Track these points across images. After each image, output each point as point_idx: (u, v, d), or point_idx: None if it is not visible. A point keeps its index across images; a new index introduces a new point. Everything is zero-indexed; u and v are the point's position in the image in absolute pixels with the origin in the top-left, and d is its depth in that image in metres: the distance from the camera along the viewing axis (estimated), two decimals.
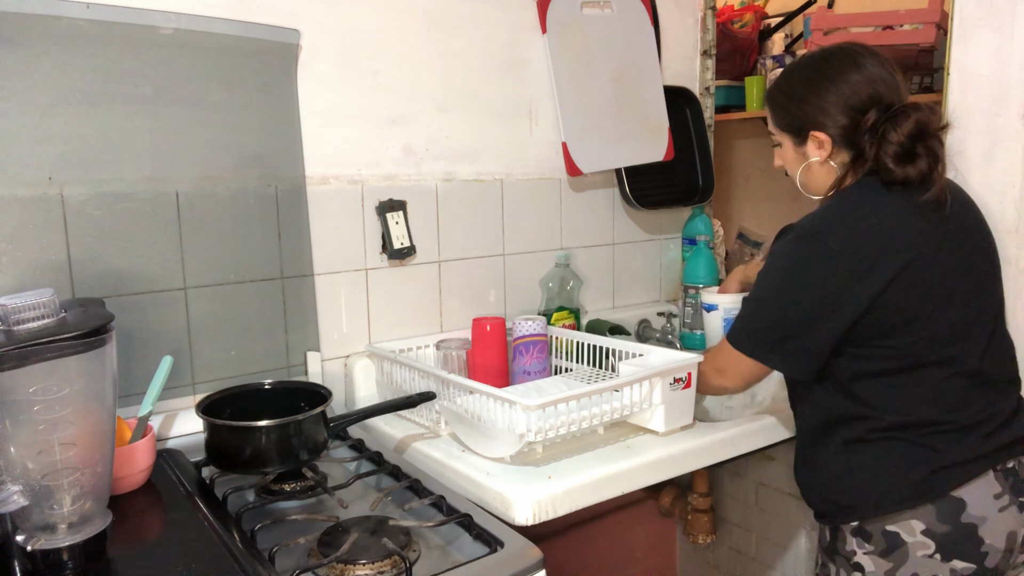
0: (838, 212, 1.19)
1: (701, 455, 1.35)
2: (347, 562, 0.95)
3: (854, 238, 1.15)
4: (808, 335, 1.18)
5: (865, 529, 1.19)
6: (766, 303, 1.23)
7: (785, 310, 1.20)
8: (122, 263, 1.30)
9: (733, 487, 2.09)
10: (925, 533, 1.15)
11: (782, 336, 1.20)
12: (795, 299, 1.18)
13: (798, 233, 1.20)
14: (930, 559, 1.14)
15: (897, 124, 1.16)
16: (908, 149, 1.16)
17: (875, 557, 1.18)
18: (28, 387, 0.87)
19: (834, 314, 1.15)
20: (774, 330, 1.21)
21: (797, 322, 1.18)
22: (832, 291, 1.15)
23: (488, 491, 1.17)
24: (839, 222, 1.17)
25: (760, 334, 1.23)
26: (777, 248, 1.23)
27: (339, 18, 1.50)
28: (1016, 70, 1.37)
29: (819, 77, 1.23)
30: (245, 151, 1.41)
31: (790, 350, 1.20)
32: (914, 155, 1.16)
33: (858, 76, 1.20)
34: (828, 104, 1.21)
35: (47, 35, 1.20)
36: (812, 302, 1.17)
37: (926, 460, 1.16)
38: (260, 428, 1.14)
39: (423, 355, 1.59)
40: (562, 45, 1.80)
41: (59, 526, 0.93)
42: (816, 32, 2.22)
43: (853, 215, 1.17)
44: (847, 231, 1.16)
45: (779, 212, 2.84)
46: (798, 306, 1.18)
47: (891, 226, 1.15)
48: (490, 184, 1.76)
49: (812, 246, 1.17)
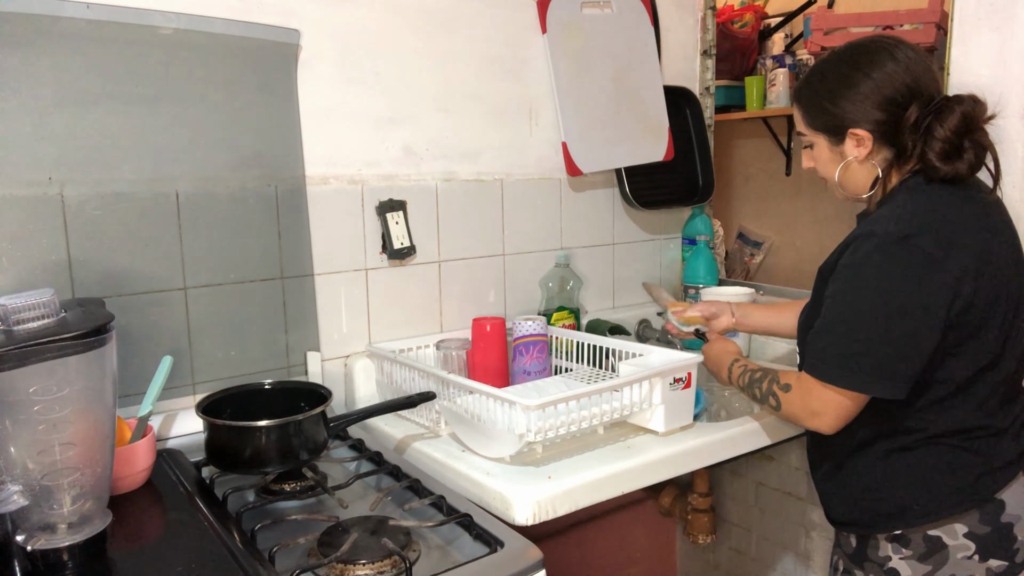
0: (917, 212, 1.10)
1: (701, 455, 1.34)
2: (347, 562, 0.95)
3: (946, 239, 1.07)
4: (916, 350, 1.08)
5: (904, 535, 1.16)
6: (861, 322, 1.09)
7: (889, 327, 1.07)
8: (122, 263, 1.30)
9: (733, 487, 2.09)
10: (967, 536, 1.13)
11: (887, 357, 1.08)
12: (899, 312, 1.07)
13: (883, 239, 1.08)
14: (969, 560, 1.13)
15: (942, 119, 1.10)
16: (954, 144, 1.10)
17: (912, 562, 1.15)
18: (28, 387, 0.87)
19: (939, 323, 1.07)
20: (878, 352, 1.08)
21: (904, 338, 1.07)
22: (937, 298, 1.06)
23: (488, 491, 1.17)
24: (924, 223, 1.08)
25: (860, 360, 1.09)
26: (859, 258, 1.10)
27: (339, 18, 1.50)
28: (1016, 70, 1.37)
29: (853, 70, 1.16)
30: (245, 151, 1.41)
31: (897, 372, 1.08)
32: (960, 150, 1.10)
33: (895, 67, 1.13)
34: (865, 98, 1.14)
35: (47, 35, 1.20)
36: (918, 313, 1.06)
37: (971, 465, 1.14)
38: (260, 428, 1.14)
39: (423, 355, 1.59)
40: (562, 45, 1.80)
41: (59, 526, 0.93)
42: (816, 32, 2.22)
43: (934, 215, 1.09)
44: (936, 232, 1.07)
45: (779, 212, 2.85)
46: (904, 320, 1.07)
47: (970, 226, 1.10)
48: (490, 184, 1.76)
49: (907, 251, 1.07)
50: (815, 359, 1.14)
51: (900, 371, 1.09)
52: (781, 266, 2.87)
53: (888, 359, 1.08)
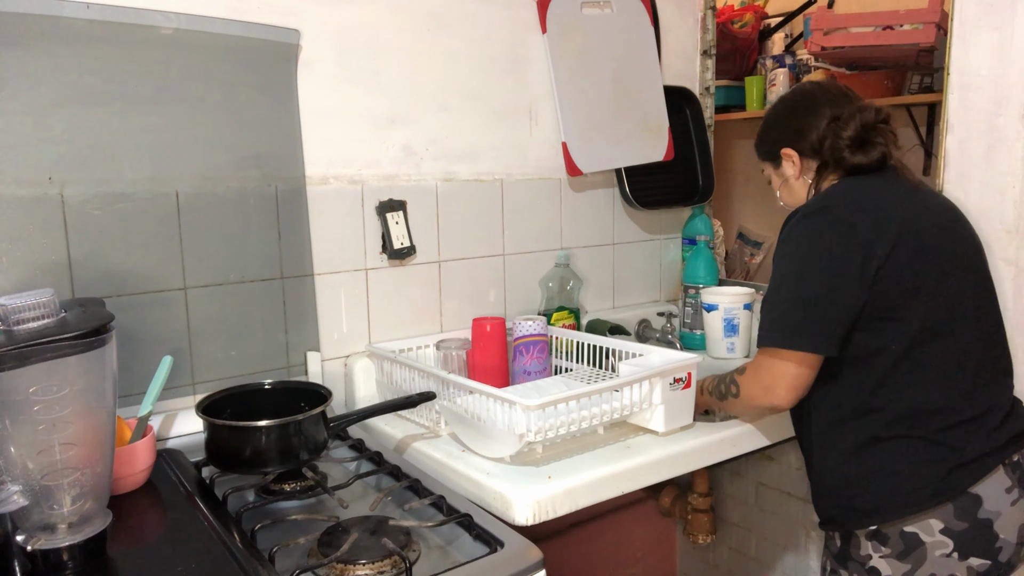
0: (836, 191, 1.27)
1: (701, 455, 1.34)
2: (347, 562, 0.95)
3: (859, 207, 1.21)
4: (833, 308, 1.18)
5: (881, 532, 1.18)
6: (785, 286, 1.23)
7: (806, 287, 1.20)
8: (122, 263, 1.30)
9: (733, 487, 2.09)
10: (944, 532, 1.15)
11: (807, 314, 1.19)
12: (814, 272, 1.19)
13: (803, 212, 1.24)
14: (948, 558, 1.14)
15: (845, 124, 1.29)
16: (860, 139, 1.27)
17: (892, 560, 1.17)
18: (28, 387, 0.87)
19: (856, 282, 1.16)
20: (798, 310, 1.20)
21: (821, 296, 1.18)
22: (850, 259, 1.17)
23: (488, 491, 1.17)
24: (841, 197, 1.24)
25: (785, 319, 1.22)
26: (784, 234, 1.26)
27: (339, 18, 1.50)
28: (1016, 70, 1.37)
29: (782, 112, 1.40)
30: (245, 151, 1.41)
31: (818, 326, 1.19)
32: (867, 142, 1.27)
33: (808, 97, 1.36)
34: (791, 127, 1.36)
35: (47, 35, 1.20)
36: (832, 273, 1.18)
37: (943, 458, 1.16)
38: (260, 428, 1.14)
39: (423, 355, 1.59)
40: (562, 45, 1.80)
41: (59, 526, 0.93)
42: (816, 32, 2.22)
43: (853, 192, 1.25)
44: (851, 202, 1.22)
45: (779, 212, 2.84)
46: (819, 279, 1.19)
47: (887, 198, 1.23)
48: (490, 184, 1.76)
49: (821, 218, 1.21)
50: (759, 332, 1.26)
51: (821, 327, 1.18)
52: None
53: (808, 316, 1.19)
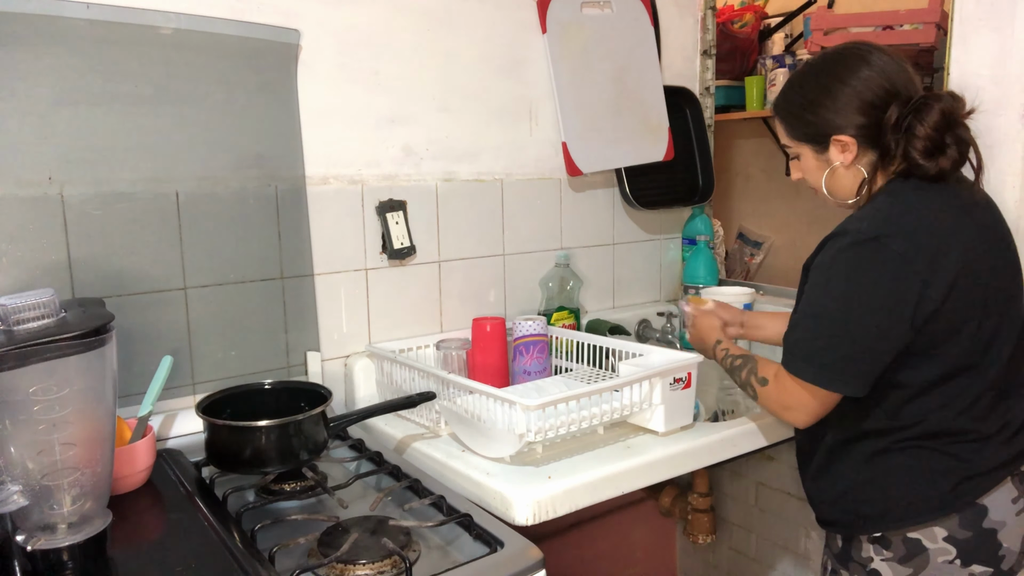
0: (892, 213, 1.11)
1: (701, 455, 1.34)
2: (347, 562, 0.95)
3: (916, 240, 1.08)
4: (877, 349, 1.09)
5: (885, 536, 1.17)
6: (828, 319, 1.11)
7: (852, 325, 1.09)
8: (122, 263, 1.30)
9: (733, 487, 2.09)
10: (947, 540, 1.13)
11: (849, 354, 1.10)
12: (864, 310, 1.08)
13: (855, 238, 1.09)
14: (950, 564, 1.13)
15: (922, 117, 1.11)
16: (937, 142, 1.11)
17: (893, 564, 1.16)
18: (28, 387, 0.87)
19: (905, 323, 1.07)
20: (841, 348, 1.10)
21: (866, 336, 1.09)
22: (903, 298, 1.07)
23: (488, 491, 1.17)
24: (898, 224, 1.09)
25: (824, 355, 1.12)
26: (831, 256, 1.12)
27: (339, 18, 1.50)
28: (1016, 71, 1.37)
29: (830, 79, 1.17)
30: (245, 151, 1.41)
31: (858, 370, 1.10)
32: (943, 146, 1.11)
33: (869, 72, 1.14)
34: (844, 105, 1.15)
35: (47, 35, 1.20)
36: (883, 312, 1.07)
37: (952, 470, 1.13)
38: (260, 428, 1.14)
39: (423, 355, 1.59)
40: (562, 45, 1.80)
41: (59, 526, 0.93)
42: (816, 32, 2.22)
43: (909, 216, 1.10)
44: (908, 233, 1.08)
45: (779, 212, 2.85)
46: (868, 318, 1.08)
47: (947, 226, 1.10)
48: (490, 184, 1.76)
49: (876, 251, 1.08)
50: (787, 352, 1.17)
51: (860, 369, 1.11)
52: (781, 266, 2.87)
53: (849, 356, 1.10)
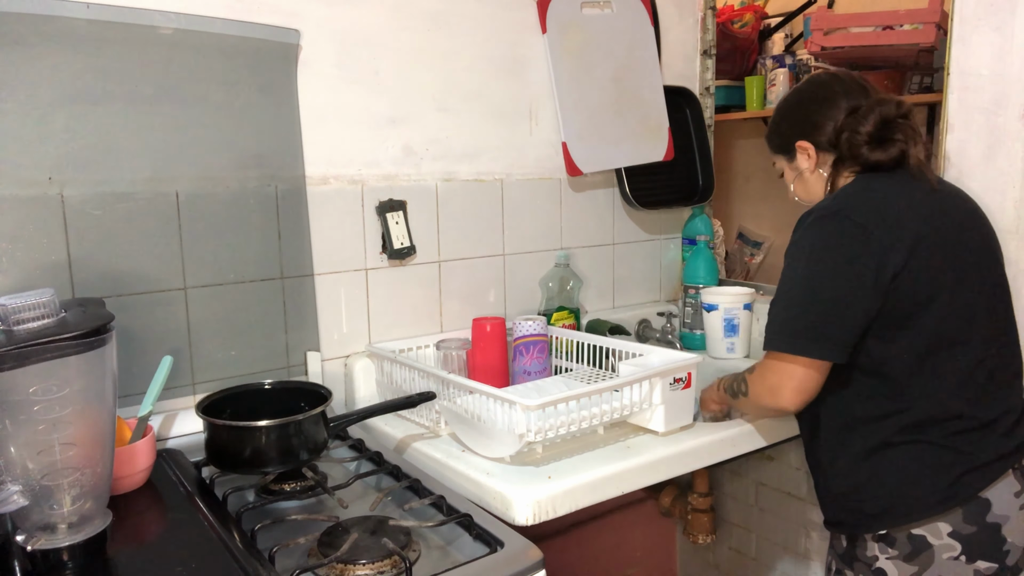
0: (853, 192, 1.23)
1: (701, 455, 1.35)
2: (347, 562, 0.95)
3: (875, 212, 1.17)
4: (845, 315, 1.15)
5: (889, 534, 1.18)
6: (796, 289, 1.20)
7: (818, 291, 1.17)
8: (122, 263, 1.30)
9: (733, 487, 2.09)
10: (952, 535, 1.14)
11: (818, 320, 1.17)
12: (828, 278, 1.17)
13: (819, 214, 1.20)
14: (955, 561, 1.14)
15: (863, 117, 1.25)
16: (878, 136, 1.24)
17: (899, 562, 1.17)
18: (28, 387, 0.87)
19: (869, 289, 1.14)
20: (809, 315, 1.18)
21: (832, 302, 1.16)
22: (865, 265, 1.14)
23: (488, 491, 1.17)
24: (858, 200, 1.20)
25: (795, 323, 1.19)
26: (798, 235, 1.23)
27: (339, 18, 1.50)
28: (1016, 70, 1.37)
29: (795, 100, 1.37)
30: (245, 151, 1.41)
31: (829, 333, 1.16)
32: (886, 139, 1.24)
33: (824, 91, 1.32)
34: (806, 119, 1.32)
35: (47, 35, 1.20)
36: (846, 279, 1.15)
37: (953, 463, 1.15)
38: (260, 428, 1.14)
39: (423, 355, 1.59)
40: (562, 45, 1.80)
41: (59, 526, 0.93)
42: (816, 32, 2.22)
43: (868, 194, 1.21)
44: (867, 206, 1.18)
45: (779, 212, 2.85)
46: (832, 284, 1.16)
47: (903, 203, 1.20)
48: (490, 184, 1.76)
49: (837, 223, 1.18)
50: (766, 333, 1.23)
51: (832, 333, 1.16)
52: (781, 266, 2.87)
53: (819, 322, 1.17)
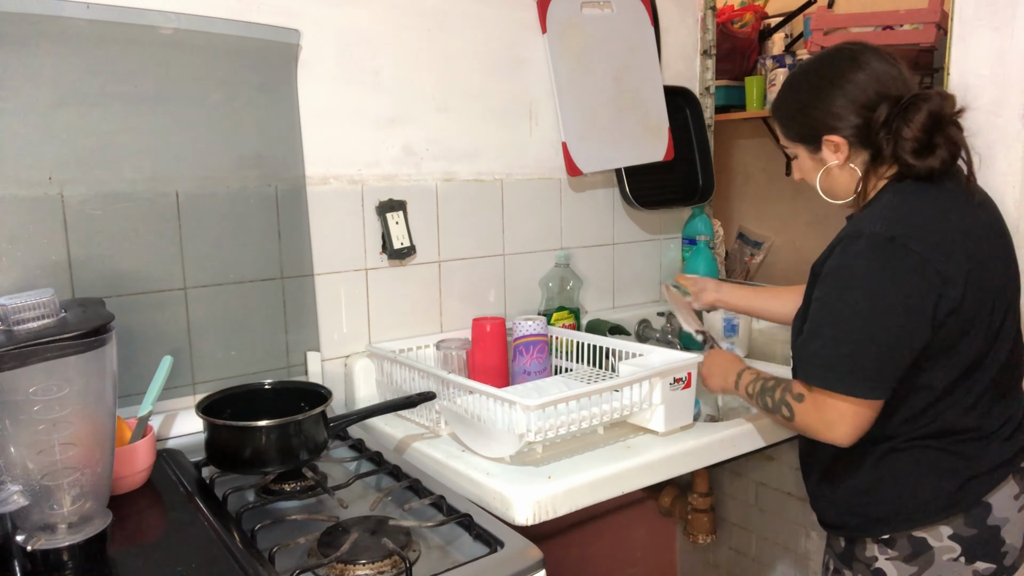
0: (903, 213, 1.11)
1: (701, 455, 1.34)
2: (347, 562, 0.95)
3: (930, 239, 1.08)
4: (903, 355, 1.08)
5: (890, 536, 1.17)
6: (851, 323, 1.09)
7: (875, 331, 1.07)
8: (122, 263, 1.30)
9: (733, 487, 2.09)
10: (952, 538, 1.14)
11: (877, 361, 1.08)
12: (887, 312, 1.07)
13: (871, 240, 1.08)
14: (955, 562, 1.14)
15: (909, 117, 1.11)
16: (925, 142, 1.11)
17: (898, 562, 1.16)
18: (28, 387, 0.87)
19: (927, 323, 1.07)
20: (867, 354, 1.08)
21: (890, 345, 1.07)
22: (924, 299, 1.06)
23: (488, 491, 1.17)
24: (911, 223, 1.09)
25: (851, 362, 1.09)
26: (848, 259, 1.10)
27: (339, 18, 1.50)
28: (1016, 70, 1.37)
29: (822, 81, 1.19)
30: (245, 151, 1.41)
31: (885, 375, 1.08)
32: (932, 146, 1.12)
33: (861, 74, 1.15)
34: (836, 106, 1.16)
35: (47, 35, 1.20)
36: (906, 318, 1.06)
37: (958, 469, 1.14)
38: (260, 428, 1.14)
39: (423, 355, 1.59)
40: (562, 45, 1.80)
41: (59, 526, 0.93)
42: (816, 32, 2.22)
43: (920, 216, 1.10)
44: (922, 232, 1.08)
45: (779, 212, 2.85)
46: (891, 323, 1.07)
47: (955, 225, 1.11)
48: (490, 184, 1.76)
49: (894, 252, 1.07)
50: (808, 364, 1.14)
51: (887, 374, 1.09)
52: (781, 266, 2.87)
53: (877, 363, 1.08)
